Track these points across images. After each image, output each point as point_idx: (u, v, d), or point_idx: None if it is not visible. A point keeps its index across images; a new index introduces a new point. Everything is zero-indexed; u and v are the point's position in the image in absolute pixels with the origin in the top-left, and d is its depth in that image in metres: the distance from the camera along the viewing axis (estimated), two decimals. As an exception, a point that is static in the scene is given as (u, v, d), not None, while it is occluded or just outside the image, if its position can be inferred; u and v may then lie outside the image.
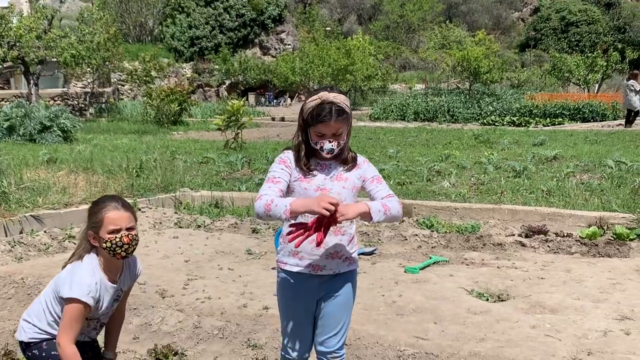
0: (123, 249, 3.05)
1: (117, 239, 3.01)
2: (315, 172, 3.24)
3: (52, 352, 3.10)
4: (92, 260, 3.12)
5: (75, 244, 7.87)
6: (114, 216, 3.02)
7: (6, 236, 8.02)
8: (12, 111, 16.86)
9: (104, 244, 3.02)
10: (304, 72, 29.03)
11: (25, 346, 3.21)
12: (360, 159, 3.37)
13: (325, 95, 3.11)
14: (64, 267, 3.23)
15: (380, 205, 3.11)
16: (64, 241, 8.05)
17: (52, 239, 8.05)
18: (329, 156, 3.20)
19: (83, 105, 28.49)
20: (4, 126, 16.31)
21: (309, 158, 3.24)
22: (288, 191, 3.23)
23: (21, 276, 6.28)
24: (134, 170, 10.95)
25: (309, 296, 3.32)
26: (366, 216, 3.04)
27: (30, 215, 8.35)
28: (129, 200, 9.05)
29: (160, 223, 8.95)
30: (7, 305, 5.78)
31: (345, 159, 3.30)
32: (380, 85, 34.07)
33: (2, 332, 5.09)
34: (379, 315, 5.14)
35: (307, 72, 28.83)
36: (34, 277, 6.21)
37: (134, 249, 3.13)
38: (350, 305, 3.42)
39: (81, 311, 3.00)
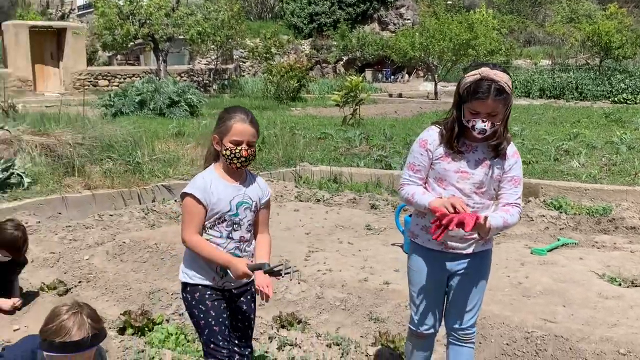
0: (239, 161, 3.09)
1: (237, 150, 3.06)
2: (460, 153, 3.14)
3: (200, 306, 3.20)
4: (210, 167, 3.22)
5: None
6: (240, 128, 3.05)
7: (140, 204, 8.50)
8: (143, 86, 17.74)
9: (224, 151, 3.08)
10: (424, 48, 28.46)
11: (182, 287, 3.36)
12: (512, 149, 3.18)
13: (487, 71, 2.95)
14: None
15: (502, 221, 3.07)
16: (192, 210, 8.42)
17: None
18: (479, 136, 3.05)
19: (207, 82, 29.50)
20: (136, 100, 17.18)
21: (458, 137, 3.13)
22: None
23: (154, 242, 6.63)
24: (257, 145, 11.23)
25: (440, 272, 3.28)
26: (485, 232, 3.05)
27: (162, 185, 8.80)
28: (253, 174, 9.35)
29: (282, 196, 9.16)
30: (143, 268, 6.13)
31: (496, 145, 3.12)
32: (503, 60, 32.92)
33: (138, 294, 5.41)
34: (504, 296, 5.01)
35: (427, 48, 28.24)
36: (166, 243, 6.54)
37: (249, 163, 3.18)
38: (483, 284, 3.34)
39: (192, 204, 3.08)
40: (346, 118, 15.61)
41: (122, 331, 4.66)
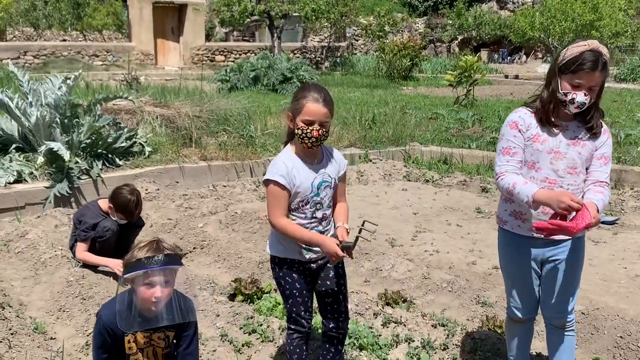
0: (310, 141, 3.06)
1: (308, 130, 3.02)
2: (553, 132, 3.05)
3: (287, 278, 3.28)
4: (287, 148, 3.21)
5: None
6: (313, 109, 3.01)
7: (251, 176, 8.74)
8: (258, 62, 18.15)
9: (297, 130, 3.06)
10: (544, 28, 27.33)
11: (271, 259, 3.44)
12: (603, 127, 3.10)
13: (595, 43, 2.88)
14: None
15: (602, 205, 2.94)
16: (301, 185, 8.56)
17: (291, 182, 8.60)
18: (576, 111, 2.96)
19: (319, 59, 29.75)
20: (250, 76, 17.60)
21: (552, 114, 3.05)
22: None
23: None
24: (367, 123, 11.24)
25: (532, 258, 3.18)
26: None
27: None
28: (360, 151, 9.34)
29: (390, 175, 9.12)
30: (253, 238, 6.31)
31: (589, 123, 3.04)
32: (628, 43, 31.03)
33: (249, 263, 5.58)
34: (619, 288, 4.78)
35: (548, 28, 27.10)
36: (275, 216, 6.68)
37: (321, 143, 3.13)
38: (577, 271, 3.21)
39: (275, 189, 3.08)
40: (459, 98, 15.28)
41: (232, 297, 4.83)
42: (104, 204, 5.33)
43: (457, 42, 39.00)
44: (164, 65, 27.05)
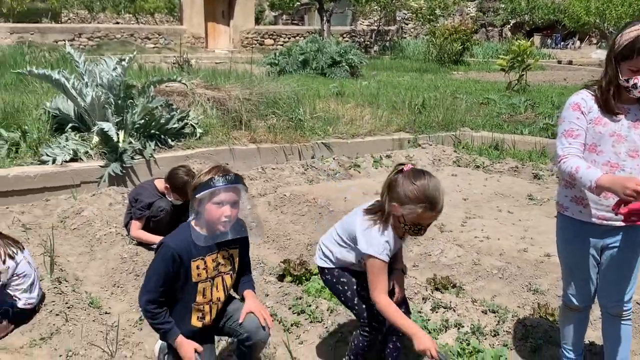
0: (414, 235, 3.13)
1: (417, 229, 3.06)
2: (614, 116, 2.98)
3: (342, 279, 3.32)
4: (390, 227, 3.16)
5: (358, 171, 8.33)
6: (427, 216, 3.01)
7: (300, 159, 8.77)
8: (307, 46, 18.13)
9: (403, 225, 3.07)
10: (600, 13, 26.55)
11: (320, 270, 3.47)
12: None
13: None
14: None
15: None
16: (349, 169, 8.56)
17: (340, 165, 8.60)
18: (639, 95, 2.89)
19: (368, 43, 29.55)
20: (299, 60, 17.61)
21: (613, 98, 2.97)
22: None
23: (313, 196, 6.83)
24: (416, 107, 11.13)
25: (591, 245, 3.10)
26: None
27: (322, 143, 9.00)
28: (409, 136, 9.26)
29: (439, 160, 9.04)
30: (301, 221, 6.35)
31: None
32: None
33: (297, 244, 5.62)
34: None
35: (603, 13, 26.31)
36: (323, 199, 6.71)
37: (419, 235, 3.20)
38: (636, 259, 3.12)
39: (381, 267, 3.08)
40: (511, 84, 15.00)
41: (281, 278, 4.88)
42: (160, 184, 5.44)
43: (509, 26, 38.23)
44: (214, 49, 27.28)
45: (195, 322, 3.09)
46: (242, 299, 3.23)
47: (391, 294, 3.31)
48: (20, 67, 8.76)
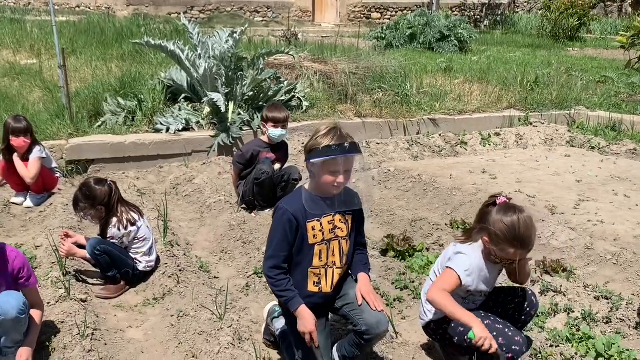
0: (509, 266, 3.19)
1: (509, 262, 3.13)
2: None
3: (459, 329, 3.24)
4: (478, 249, 3.18)
5: (464, 149, 8.15)
6: (518, 254, 3.03)
7: (405, 135, 8.68)
8: (415, 20, 17.78)
9: (495, 257, 3.11)
10: None
11: (427, 324, 3.40)
12: None
13: None
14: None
15: None
16: (456, 146, 8.39)
17: (446, 142, 8.45)
18: None
19: (478, 17, 28.62)
20: (407, 34, 17.31)
21: None
22: None
23: (417, 172, 6.75)
24: (529, 84, 10.71)
25: None
26: None
27: (428, 118, 8.85)
28: (521, 114, 8.94)
29: (552, 140, 8.68)
30: (405, 197, 6.29)
31: None
32: None
33: (401, 220, 5.57)
34: None
35: None
36: (428, 175, 6.61)
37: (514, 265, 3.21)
38: None
39: (455, 282, 3.09)
40: (631, 62, 14.09)
41: (384, 253, 4.87)
42: (265, 138, 5.69)
43: (630, 1, 35.94)
44: (321, 22, 27.32)
45: (312, 287, 3.08)
46: (356, 280, 3.19)
47: None
48: (137, 39, 9.11)
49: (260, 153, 5.61)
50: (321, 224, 3.02)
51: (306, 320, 2.96)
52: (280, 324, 3.44)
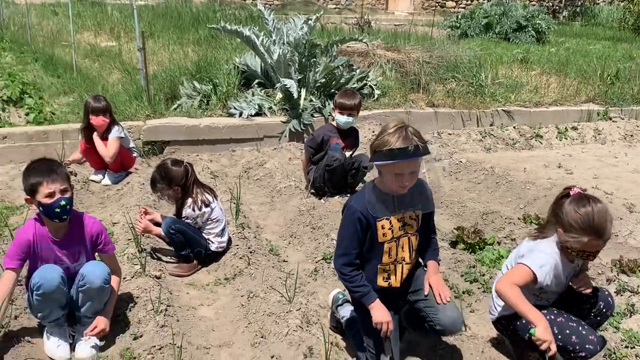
0: (585, 260, 3.14)
1: (585, 255, 3.03)
2: None
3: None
4: (552, 244, 3.11)
5: (539, 142, 7.94)
6: (594, 244, 2.94)
7: (477, 126, 8.52)
8: (491, 9, 17.39)
9: (571, 251, 3.03)
10: None
11: (498, 320, 3.36)
12: None
13: None
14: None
15: None
16: (531, 139, 8.19)
17: (520, 135, 8.26)
18: None
19: (557, 7, 27.78)
20: (482, 23, 16.96)
21: None
22: None
23: (490, 165, 6.63)
24: (609, 78, 10.33)
25: None
26: None
27: (502, 110, 8.67)
28: (600, 108, 8.64)
29: (632, 136, 8.37)
30: (477, 189, 6.19)
31: None
32: None
33: (472, 212, 5.49)
34: None
35: None
36: (501, 168, 6.48)
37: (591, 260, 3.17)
38: None
39: (529, 278, 3.03)
40: None
41: (453, 245, 4.81)
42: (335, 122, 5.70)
43: None
44: (394, 10, 27.07)
45: (381, 282, 3.11)
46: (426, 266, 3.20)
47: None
48: (213, 24, 9.26)
49: (331, 138, 5.62)
50: (390, 222, 3.01)
51: (382, 312, 3.00)
52: (345, 311, 3.46)
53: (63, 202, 3.13)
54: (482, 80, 9.32)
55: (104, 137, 5.94)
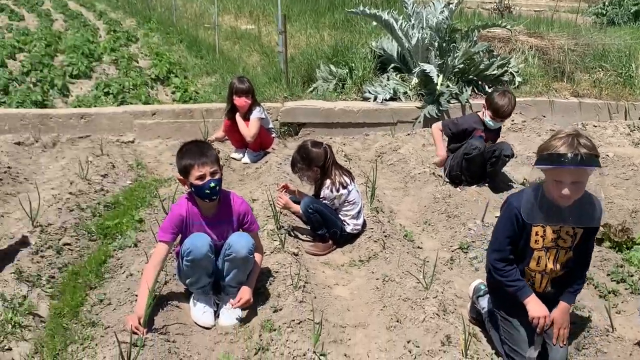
0: None
1: None
2: None
3: None
4: None
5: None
6: None
7: (625, 119, 8.03)
8: (643, -5, 16.30)
9: None
10: None
11: None
12: None
13: None
14: None
15: None
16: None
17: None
18: None
19: None
20: (631, 10, 15.95)
21: None
22: None
23: (639, 160, 6.21)
24: None
25: None
26: None
27: (655, 102, 8.11)
28: None
29: None
30: (624, 185, 5.83)
31: None
32: None
33: (620, 209, 5.18)
34: None
35: None
36: (652, 164, 6.07)
37: None
38: None
39: None
40: None
41: (599, 242, 4.56)
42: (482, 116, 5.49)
43: None
44: (534, -4, 25.97)
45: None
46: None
47: None
48: (349, 8, 9.29)
49: (476, 131, 5.44)
50: (544, 231, 2.94)
51: (539, 306, 2.98)
52: (485, 302, 3.40)
53: (212, 184, 3.27)
54: (632, 71, 8.74)
55: (246, 117, 6.14)
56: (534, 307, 2.95)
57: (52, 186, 5.38)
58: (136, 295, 3.45)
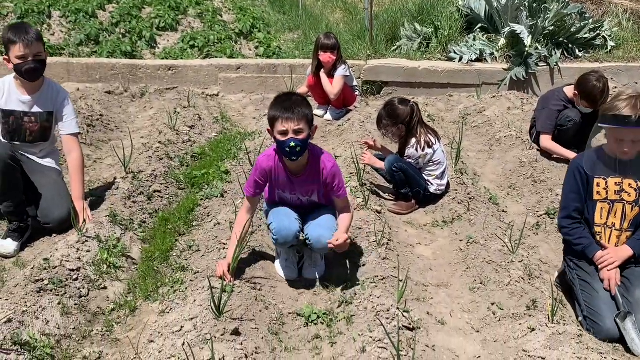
0: None
1: None
2: None
3: None
4: None
5: None
6: None
7: None
8: None
9: None
10: None
11: None
12: None
13: None
14: None
15: None
16: None
17: None
18: None
19: None
20: None
21: None
22: None
23: None
24: None
25: None
26: None
27: None
28: None
29: None
30: None
31: None
32: None
33: None
34: None
35: None
36: None
37: None
38: None
39: None
40: None
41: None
42: (570, 91, 5.21)
43: None
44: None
45: None
46: None
47: None
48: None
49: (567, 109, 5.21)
50: (607, 183, 3.10)
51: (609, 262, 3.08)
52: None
53: (292, 144, 3.09)
54: None
55: (330, 75, 6.12)
56: (605, 263, 3.08)
57: (142, 135, 5.57)
58: (224, 244, 3.56)
